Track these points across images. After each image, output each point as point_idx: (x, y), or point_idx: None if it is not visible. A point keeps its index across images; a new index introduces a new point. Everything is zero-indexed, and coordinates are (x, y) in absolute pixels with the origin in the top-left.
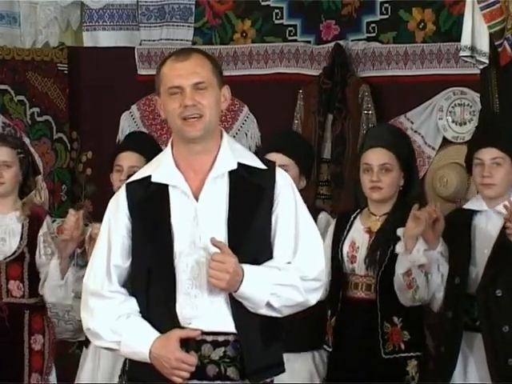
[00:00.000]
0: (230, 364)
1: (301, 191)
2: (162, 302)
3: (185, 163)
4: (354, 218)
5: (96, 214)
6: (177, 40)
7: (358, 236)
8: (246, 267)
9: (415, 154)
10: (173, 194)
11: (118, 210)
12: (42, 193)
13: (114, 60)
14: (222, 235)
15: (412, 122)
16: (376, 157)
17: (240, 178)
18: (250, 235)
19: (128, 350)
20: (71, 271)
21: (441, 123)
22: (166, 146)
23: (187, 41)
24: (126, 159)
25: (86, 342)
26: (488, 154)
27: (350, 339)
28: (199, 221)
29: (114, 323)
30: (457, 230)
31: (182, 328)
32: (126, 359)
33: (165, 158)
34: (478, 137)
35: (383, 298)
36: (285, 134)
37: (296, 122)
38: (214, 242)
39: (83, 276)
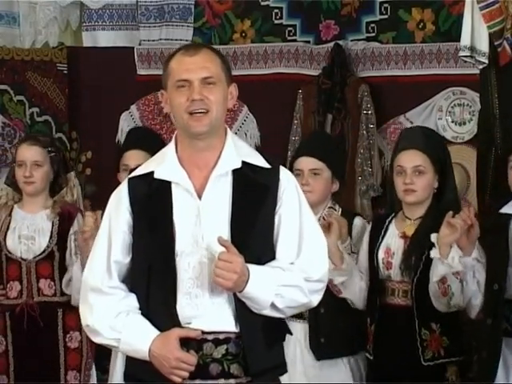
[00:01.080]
0: (233, 361)
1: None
2: (162, 301)
3: (189, 160)
4: (389, 222)
5: None
6: (176, 40)
7: (393, 242)
8: (252, 267)
9: (450, 156)
10: (175, 192)
11: (119, 205)
12: (75, 190)
13: (114, 60)
14: (225, 234)
15: (411, 122)
16: (409, 159)
17: (244, 176)
18: (253, 235)
19: (127, 348)
20: None
21: (440, 123)
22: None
23: (186, 41)
24: (133, 158)
25: None
26: None
27: (389, 346)
28: (202, 220)
29: (114, 320)
30: (494, 235)
31: (182, 327)
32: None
33: (168, 153)
34: None
35: (420, 303)
36: (316, 137)
37: (295, 122)
38: (221, 241)
39: None
